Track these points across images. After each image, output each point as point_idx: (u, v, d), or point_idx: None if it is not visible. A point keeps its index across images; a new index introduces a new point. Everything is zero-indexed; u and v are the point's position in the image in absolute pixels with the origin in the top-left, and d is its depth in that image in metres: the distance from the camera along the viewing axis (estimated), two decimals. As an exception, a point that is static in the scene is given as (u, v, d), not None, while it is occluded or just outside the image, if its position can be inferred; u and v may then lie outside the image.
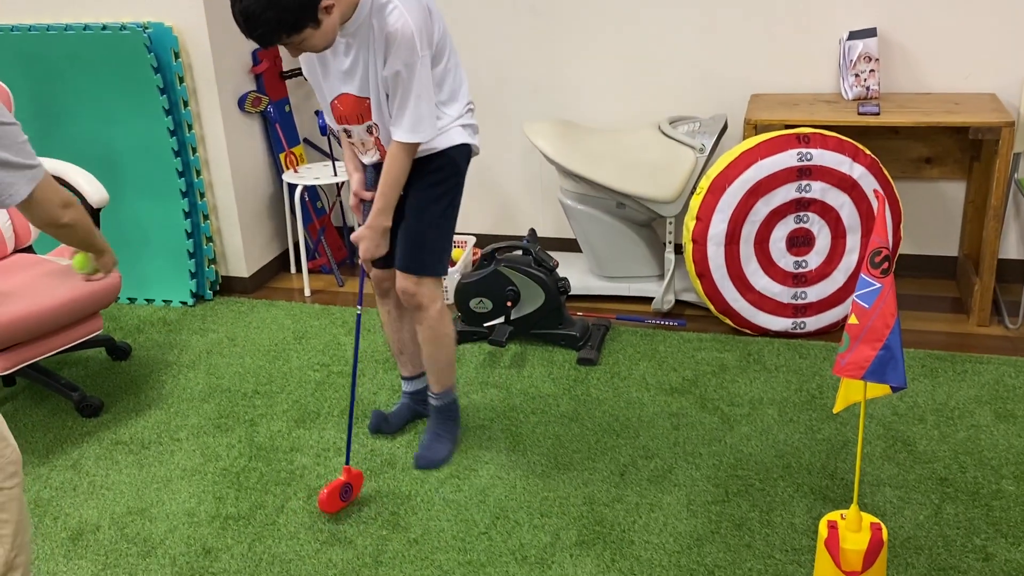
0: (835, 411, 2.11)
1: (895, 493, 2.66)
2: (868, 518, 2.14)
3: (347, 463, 2.73)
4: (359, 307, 2.76)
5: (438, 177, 2.69)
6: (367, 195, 2.74)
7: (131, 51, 3.77)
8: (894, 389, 1.96)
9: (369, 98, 2.56)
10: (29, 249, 3.53)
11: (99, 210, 3.46)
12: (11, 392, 3.49)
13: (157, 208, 4.04)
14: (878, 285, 1.88)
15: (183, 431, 3.17)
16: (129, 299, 4.19)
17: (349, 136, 2.70)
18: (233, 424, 3.19)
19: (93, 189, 3.40)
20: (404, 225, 2.73)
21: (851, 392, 2.05)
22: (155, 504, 2.80)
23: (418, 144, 2.57)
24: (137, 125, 3.92)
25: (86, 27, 3.83)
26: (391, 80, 2.48)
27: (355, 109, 2.60)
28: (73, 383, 3.34)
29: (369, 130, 2.64)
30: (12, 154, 1.80)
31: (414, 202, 2.71)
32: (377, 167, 2.69)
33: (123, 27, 3.77)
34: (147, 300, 4.19)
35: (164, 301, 4.16)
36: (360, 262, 2.76)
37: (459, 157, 2.70)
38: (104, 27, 3.80)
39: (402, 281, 2.75)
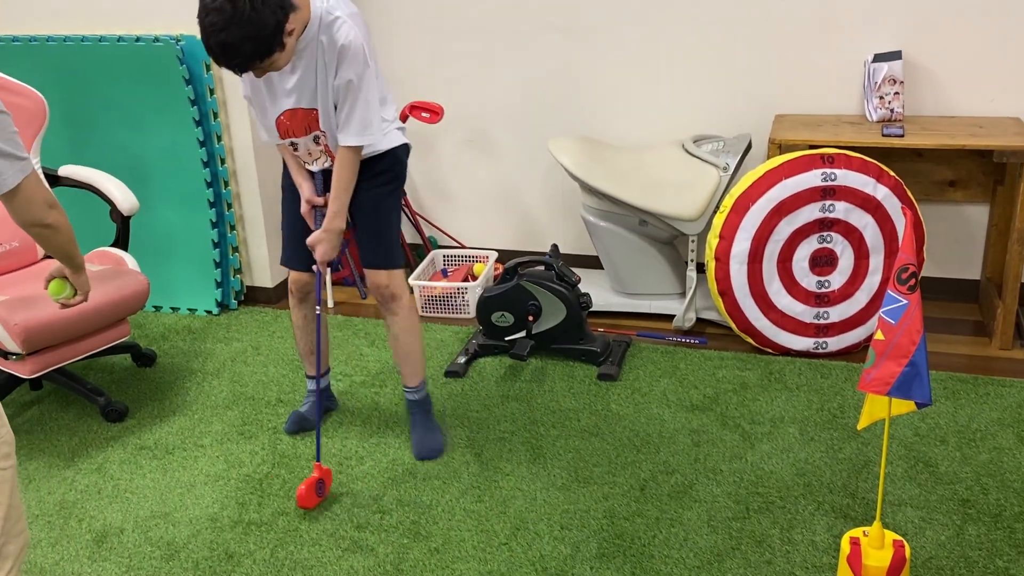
0: (859, 427, 2.12)
1: (917, 514, 2.65)
2: (891, 535, 2.14)
3: (318, 460, 2.86)
4: (318, 308, 2.97)
5: (387, 176, 2.90)
6: (319, 200, 2.88)
7: (164, 63, 3.83)
8: (919, 405, 1.97)
9: (316, 109, 2.73)
10: (59, 255, 3.58)
11: (129, 218, 3.51)
12: (37, 396, 3.54)
13: (185, 217, 4.09)
14: (905, 301, 1.89)
15: (207, 437, 3.20)
16: (155, 307, 4.24)
17: (295, 148, 2.85)
18: (256, 431, 3.22)
19: (124, 197, 3.45)
20: (363, 225, 2.92)
21: (876, 408, 2.05)
22: (178, 508, 2.82)
23: (362, 148, 2.75)
24: (168, 135, 3.98)
25: (120, 39, 3.89)
26: (342, 89, 2.65)
27: (302, 122, 2.76)
28: (99, 388, 3.38)
29: (316, 140, 2.80)
30: (3, 143, 1.80)
31: (369, 202, 2.89)
32: (326, 173, 2.86)
33: (156, 39, 3.84)
34: (172, 308, 4.23)
35: (189, 309, 4.21)
36: (317, 265, 2.90)
37: (402, 155, 2.94)
38: (138, 39, 3.87)
39: (374, 277, 2.95)
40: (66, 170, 3.54)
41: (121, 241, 3.54)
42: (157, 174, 4.07)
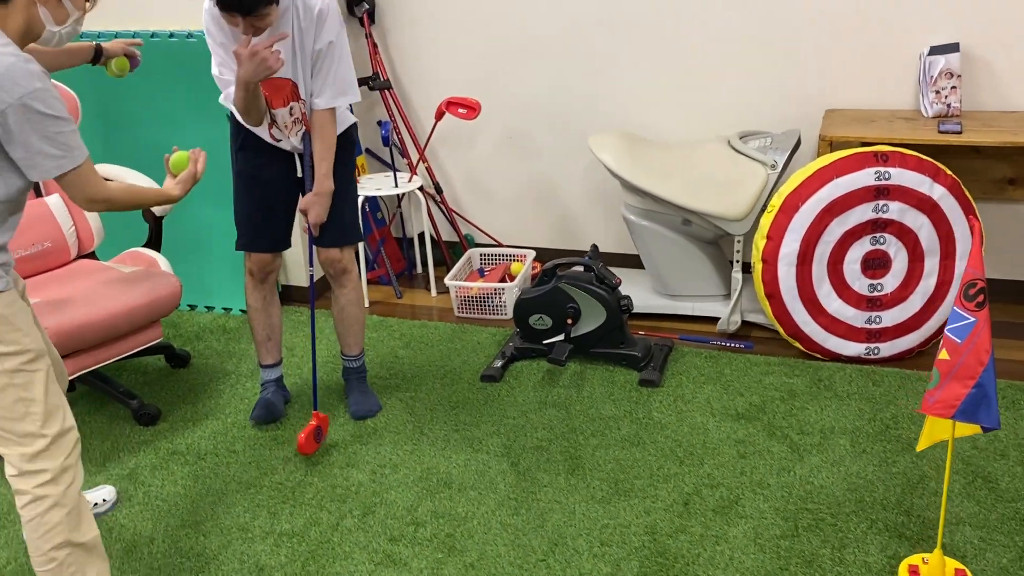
0: (919, 449, 1.99)
1: (976, 533, 2.52)
2: (952, 563, 2.02)
3: (315, 408, 3.03)
4: (310, 269, 3.03)
5: (344, 155, 2.95)
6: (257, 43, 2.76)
7: (197, 59, 3.77)
8: (985, 429, 1.84)
9: (291, 79, 2.76)
10: (92, 255, 3.54)
11: (162, 218, 3.46)
12: (70, 398, 3.48)
13: (218, 216, 4.03)
14: (972, 319, 1.76)
15: (239, 443, 3.14)
16: (189, 306, 4.20)
17: (273, 121, 2.84)
18: (290, 437, 3.15)
19: (156, 197, 3.39)
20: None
21: (938, 430, 1.93)
22: (209, 518, 2.77)
23: (335, 110, 2.82)
24: (201, 132, 3.92)
25: (153, 34, 3.84)
26: (324, 52, 2.72)
27: (281, 92, 2.78)
28: (131, 391, 3.34)
29: (291, 111, 2.82)
30: (42, 144, 1.96)
31: None
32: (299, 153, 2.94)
33: (190, 35, 3.78)
34: (207, 307, 4.19)
35: (224, 309, 4.16)
36: (308, 228, 2.94)
37: (353, 133, 3.05)
38: (171, 35, 3.81)
39: (327, 253, 3.04)
40: (99, 169, 3.47)
41: (154, 241, 3.49)
42: (191, 172, 4.01)
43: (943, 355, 1.81)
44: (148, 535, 2.71)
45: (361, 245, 4.17)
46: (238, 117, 2.85)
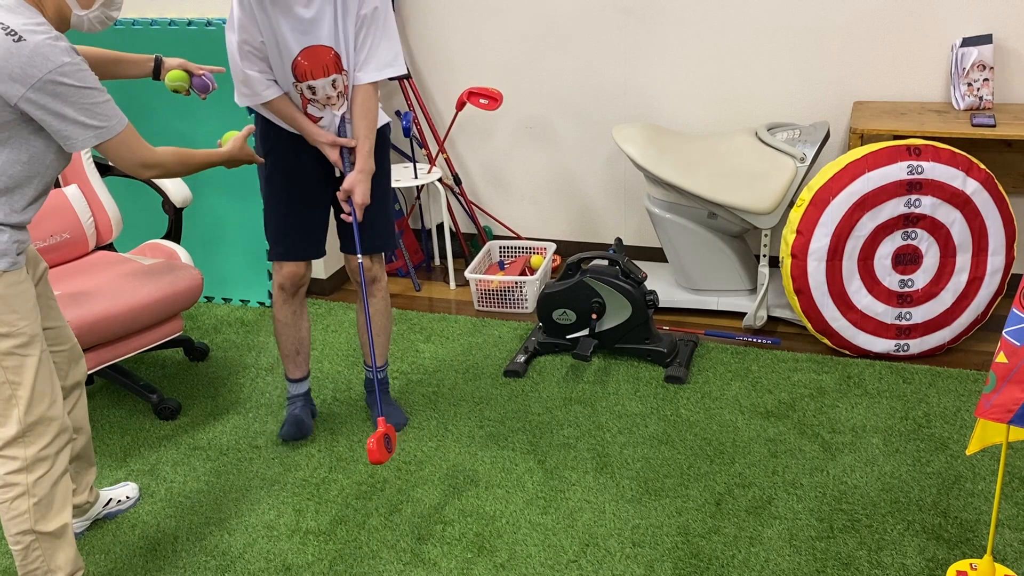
0: (969, 452, 1.95)
1: (1016, 536, 2.47)
2: (1002, 570, 1.97)
3: (380, 415, 2.72)
4: (359, 257, 2.77)
5: (379, 154, 2.80)
6: (350, 142, 2.72)
7: (215, 47, 3.72)
8: (1041, 434, 1.79)
9: (332, 48, 2.59)
10: (110, 247, 3.50)
11: (182, 209, 3.41)
12: (89, 392, 3.46)
13: (237, 207, 3.98)
14: (1031, 321, 1.71)
15: (261, 438, 3.10)
16: (207, 298, 4.15)
17: (313, 93, 2.67)
18: (313, 431, 3.11)
19: (176, 188, 3.36)
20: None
21: (990, 433, 1.88)
22: (233, 515, 2.73)
23: (378, 86, 2.68)
24: (220, 123, 3.86)
25: (171, 22, 3.79)
26: (369, 18, 2.55)
27: (322, 61, 2.60)
28: (151, 385, 3.30)
29: (334, 83, 2.65)
30: (77, 113, 2.00)
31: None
32: (341, 120, 2.74)
33: (209, 23, 3.72)
34: (224, 299, 4.14)
35: (242, 301, 4.11)
36: (355, 208, 2.72)
37: (387, 133, 2.89)
38: (190, 23, 3.76)
39: (356, 260, 2.80)
40: (117, 159, 3.44)
41: (173, 233, 3.44)
42: (209, 162, 3.96)
43: (1000, 358, 1.76)
44: (172, 532, 2.67)
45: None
46: (268, 116, 2.73)
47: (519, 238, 4.41)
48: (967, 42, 3.47)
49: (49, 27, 1.99)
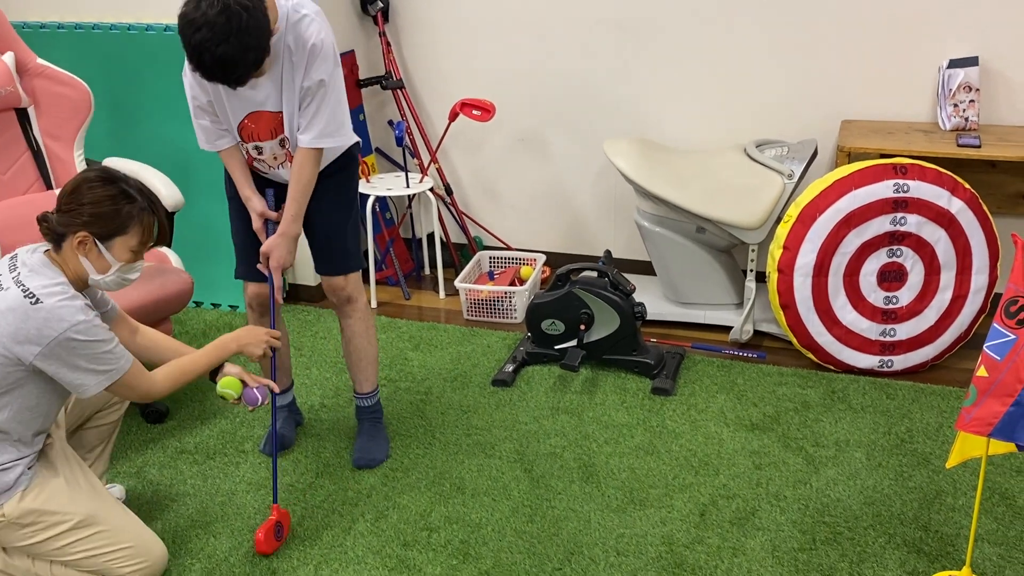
0: (948, 466, 1.98)
1: (995, 550, 2.50)
2: (981, 583, 2.00)
3: (275, 502, 2.63)
4: (277, 296, 2.76)
5: (345, 175, 2.79)
6: (273, 215, 2.72)
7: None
8: (1021, 448, 1.82)
9: (282, 112, 2.59)
10: (101, 249, 3.50)
11: (173, 213, 3.42)
12: (77, 393, 3.46)
13: (224, 212, 3.95)
14: (1012, 336, 1.74)
15: (248, 442, 3.11)
16: (196, 302, 4.16)
17: (260, 153, 2.69)
18: (300, 437, 3.12)
19: (168, 192, 3.36)
20: (322, 231, 2.80)
21: (969, 447, 1.91)
22: (219, 519, 2.73)
23: (321, 151, 2.62)
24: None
25: (167, 27, 3.81)
26: (313, 89, 2.53)
27: (269, 124, 2.62)
28: (139, 387, 3.30)
29: (282, 143, 2.66)
30: (88, 363, 2.16)
31: (327, 206, 2.77)
32: (284, 186, 2.70)
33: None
34: (213, 304, 4.15)
35: (231, 306, 4.12)
36: (271, 272, 2.71)
37: (356, 152, 2.83)
38: (166, 28, 3.76)
39: (330, 282, 2.83)
40: (110, 163, 3.45)
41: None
42: (200, 167, 3.97)
43: (981, 372, 1.79)
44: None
45: (370, 245, 4.13)
46: None
47: (509, 249, 4.44)
48: (954, 64, 3.53)
49: (67, 286, 2.15)
